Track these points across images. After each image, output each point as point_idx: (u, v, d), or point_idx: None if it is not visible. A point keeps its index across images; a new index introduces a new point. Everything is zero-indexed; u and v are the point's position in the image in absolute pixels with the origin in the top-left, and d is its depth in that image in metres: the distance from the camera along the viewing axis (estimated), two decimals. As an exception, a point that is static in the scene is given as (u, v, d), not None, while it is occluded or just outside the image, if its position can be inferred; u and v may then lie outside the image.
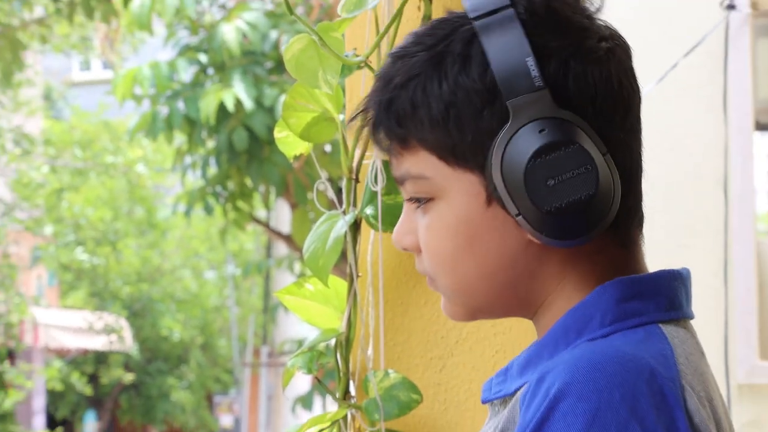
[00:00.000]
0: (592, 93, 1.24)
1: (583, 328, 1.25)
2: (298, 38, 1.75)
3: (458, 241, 1.29)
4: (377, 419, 1.82)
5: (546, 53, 1.23)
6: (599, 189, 1.20)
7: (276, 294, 2.05)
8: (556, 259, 1.28)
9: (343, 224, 1.85)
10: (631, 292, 1.26)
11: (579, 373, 1.14)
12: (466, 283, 1.31)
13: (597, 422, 1.12)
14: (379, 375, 1.86)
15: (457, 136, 1.26)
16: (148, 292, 19.51)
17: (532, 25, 1.24)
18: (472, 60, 1.24)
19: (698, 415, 1.17)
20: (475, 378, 1.87)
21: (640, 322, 1.24)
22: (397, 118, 1.28)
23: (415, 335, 1.90)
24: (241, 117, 7.93)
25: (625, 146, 1.28)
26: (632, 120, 1.29)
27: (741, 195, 6.22)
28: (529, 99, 1.21)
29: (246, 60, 8.11)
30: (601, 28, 1.29)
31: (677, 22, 6.23)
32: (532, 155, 1.20)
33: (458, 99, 1.25)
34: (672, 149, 6.12)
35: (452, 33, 1.27)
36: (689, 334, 1.28)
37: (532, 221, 1.22)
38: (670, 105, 6.08)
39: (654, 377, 1.15)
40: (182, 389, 20.73)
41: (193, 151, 8.48)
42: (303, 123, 1.87)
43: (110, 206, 18.28)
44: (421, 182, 1.30)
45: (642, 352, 1.18)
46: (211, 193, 8.59)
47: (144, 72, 8.08)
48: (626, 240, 1.31)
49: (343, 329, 1.88)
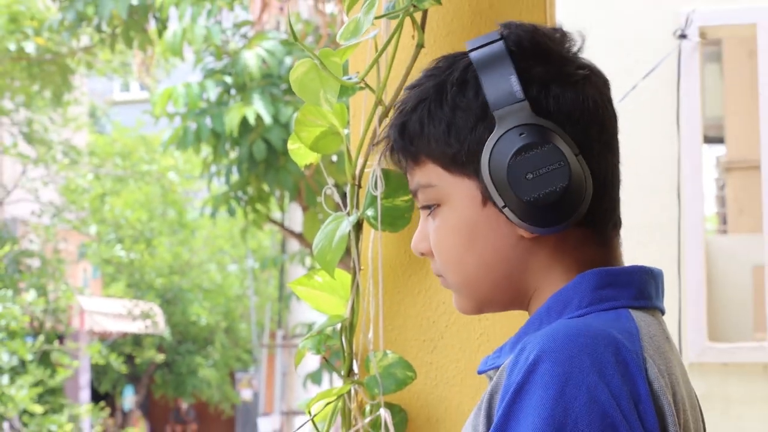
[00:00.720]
0: (568, 110, 1.28)
1: (563, 309, 1.28)
2: (302, 62, 1.75)
3: (461, 239, 1.33)
4: (377, 394, 1.82)
5: (530, 78, 1.28)
6: (571, 181, 1.25)
7: (289, 284, 2.05)
8: (543, 253, 1.31)
9: (347, 224, 1.86)
10: (606, 281, 1.28)
11: (555, 342, 1.16)
12: (471, 277, 1.34)
13: (570, 384, 1.13)
14: (378, 355, 1.85)
15: (457, 147, 1.30)
16: (179, 283, 19.51)
17: (519, 55, 1.29)
18: (468, 84, 1.30)
19: (657, 383, 1.18)
20: (462, 358, 1.87)
21: (611, 306, 1.26)
22: (410, 138, 1.34)
23: (410, 320, 1.90)
24: (260, 131, 7.92)
25: (601, 157, 1.31)
26: (607, 137, 1.33)
27: (691, 199, 6.21)
28: (512, 109, 1.26)
29: (264, 82, 8.10)
30: (579, 59, 1.34)
31: (637, 50, 6.22)
32: (513, 154, 1.24)
33: (456, 117, 1.30)
34: (632, 159, 6.11)
35: (453, 64, 1.34)
36: (656, 321, 1.30)
37: (517, 211, 1.26)
38: (630, 121, 6.07)
39: (619, 349, 1.17)
40: (208, 367, 20.72)
41: (218, 161, 8.47)
42: (313, 136, 1.88)
43: (146, 209, 18.26)
44: (429, 190, 1.34)
45: (611, 329, 1.20)
46: (234, 198, 8.58)
47: (178, 91, 8.10)
48: (604, 238, 1.34)
49: (347, 315, 1.88)
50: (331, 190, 1.93)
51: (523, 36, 1.31)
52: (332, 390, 1.88)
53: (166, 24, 8.73)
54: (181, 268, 19.54)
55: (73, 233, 15.61)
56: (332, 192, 1.93)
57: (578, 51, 1.35)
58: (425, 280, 1.88)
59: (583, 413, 1.12)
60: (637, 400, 1.15)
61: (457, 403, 1.86)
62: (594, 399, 1.13)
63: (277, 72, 8.09)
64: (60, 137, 14.56)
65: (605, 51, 6.14)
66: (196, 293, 19.94)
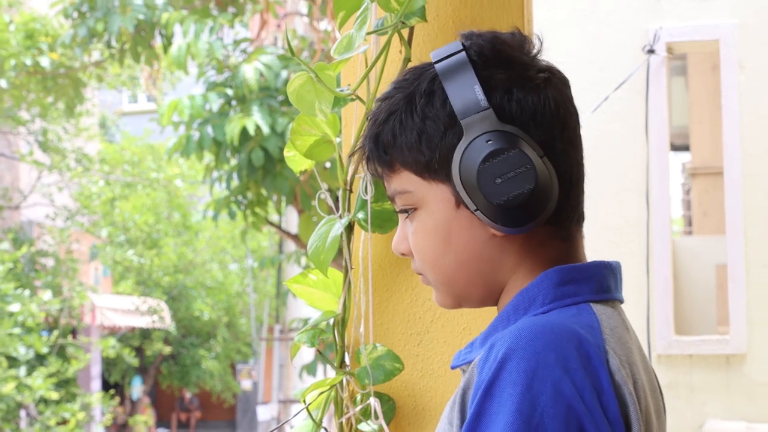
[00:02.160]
0: (532, 112, 1.27)
1: (529, 306, 1.27)
2: (299, 75, 1.75)
3: (438, 240, 1.32)
4: (367, 384, 1.82)
5: (493, 84, 1.27)
6: (538, 183, 1.24)
7: (286, 283, 2.04)
8: (512, 251, 1.30)
9: (339, 226, 1.85)
10: (567, 278, 1.28)
11: (521, 340, 1.16)
12: (448, 274, 1.33)
13: (537, 378, 1.13)
14: (368, 348, 1.85)
15: (428, 154, 1.29)
16: (183, 281, 19.50)
17: (481, 63, 1.28)
18: (435, 95, 1.29)
19: (619, 374, 1.17)
20: (446, 351, 1.87)
21: (573, 302, 1.26)
22: (384, 148, 1.33)
23: (397, 316, 1.89)
24: (258, 140, 7.92)
25: (565, 155, 1.29)
26: (569, 135, 1.31)
27: (659, 203, 6.22)
28: (478, 117, 1.25)
29: (262, 94, 8.10)
30: (539, 63, 1.32)
31: (609, 64, 6.23)
32: (482, 160, 1.24)
33: (426, 126, 1.29)
34: (603, 165, 6.12)
35: (420, 76, 1.33)
36: (616, 312, 1.29)
37: (488, 213, 1.26)
38: (602, 130, 6.08)
39: (582, 343, 1.17)
40: (211, 359, 20.76)
41: (220, 168, 8.47)
42: (307, 145, 1.87)
43: (153, 212, 18.25)
44: (406, 196, 1.33)
45: (573, 324, 1.19)
46: (234, 202, 8.57)
47: (183, 102, 8.11)
48: (567, 235, 1.32)
49: (339, 311, 1.88)
50: (325, 194, 1.93)
51: (483, 45, 1.30)
52: (326, 380, 1.88)
53: (171, 40, 8.73)
54: (185, 267, 19.54)
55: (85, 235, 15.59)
56: (326, 196, 1.93)
57: (537, 54, 1.33)
58: (412, 278, 1.87)
59: (549, 406, 1.12)
60: (599, 391, 1.14)
61: (442, 393, 1.86)
62: (559, 392, 1.13)
63: (274, 85, 8.10)
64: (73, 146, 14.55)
65: (579, 65, 6.15)
66: (200, 290, 19.96)
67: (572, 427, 1.12)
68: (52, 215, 14.87)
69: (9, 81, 11.09)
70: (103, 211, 16.19)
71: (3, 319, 10.62)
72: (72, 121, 13.75)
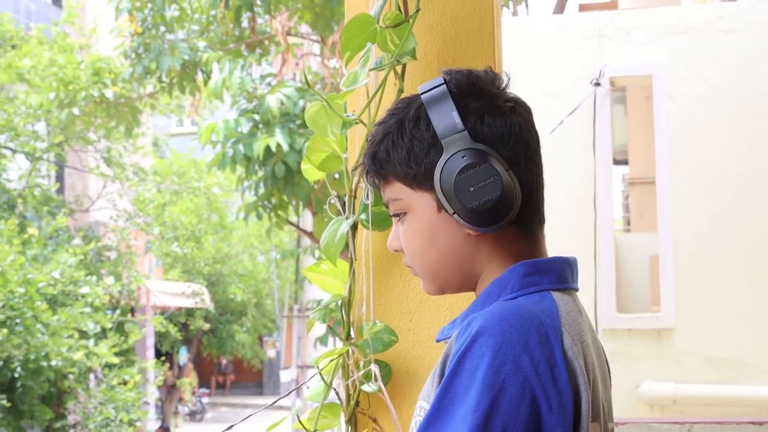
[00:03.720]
0: (500, 134, 1.27)
1: (500, 293, 1.27)
2: (314, 104, 1.75)
3: (423, 239, 1.32)
4: (368, 353, 1.81)
5: (468, 111, 1.27)
6: (503, 191, 1.24)
7: (303, 271, 2.04)
8: (485, 247, 1.30)
9: (346, 225, 1.85)
10: (532, 270, 1.28)
11: (492, 319, 1.17)
12: (433, 267, 1.33)
13: (501, 352, 1.13)
14: (369, 324, 1.85)
15: (415, 168, 1.29)
16: (220, 269, 19.49)
17: (458, 94, 1.28)
18: (421, 120, 1.30)
19: (571, 350, 1.18)
20: (432, 326, 1.86)
21: (537, 290, 1.26)
22: (380, 164, 1.33)
23: (393, 298, 1.89)
24: (280, 156, 7.92)
25: (527, 169, 1.29)
26: (531, 152, 1.31)
27: (604, 206, 6.22)
28: (455, 137, 1.25)
29: (283, 119, 8.09)
30: (507, 94, 1.33)
31: (563, 94, 6.23)
32: (458, 172, 1.24)
33: (414, 145, 1.29)
34: (559, 177, 6.12)
35: (409, 105, 1.33)
36: (572, 299, 1.29)
37: (463, 216, 1.26)
38: (559, 148, 6.08)
39: (541, 325, 1.17)
40: (242, 333, 20.75)
41: (249, 178, 8.45)
42: (320, 159, 1.87)
43: (195, 214, 18.22)
44: (397, 202, 1.34)
45: (535, 309, 1.20)
46: (261, 206, 8.56)
47: (219, 125, 8.12)
48: (530, 234, 1.32)
49: (346, 294, 1.87)
50: (334, 200, 1.92)
51: (460, 79, 1.30)
52: (335, 350, 1.88)
53: (210, 75, 8.72)
54: (222, 259, 19.53)
55: (141, 233, 15.60)
56: (335, 201, 1.92)
57: (506, 87, 1.33)
58: (404, 268, 1.85)
59: (509, 375, 1.12)
60: (553, 365, 1.14)
61: (429, 360, 1.86)
62: (518, 365, 1.13)
63: (293, 111, 8.10)
64: (131, 161, 14.55)
65: (540, 95, 6.15)
66: (233, 277, 19.94)
67: (526, 394, 1.12)
68: (115, 217, 14.87)
69: (80, 109, 11.09)
70: (155, 213, 16.17)
71: (76, 300, 10.61)
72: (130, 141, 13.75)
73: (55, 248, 11.28)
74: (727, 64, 6.15)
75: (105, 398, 11.54)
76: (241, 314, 21.07)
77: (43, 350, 9.69)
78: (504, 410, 1.11)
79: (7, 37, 12.57)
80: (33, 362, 9.71)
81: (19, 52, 12.09)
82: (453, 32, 1.89)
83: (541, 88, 6.20)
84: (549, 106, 6.12)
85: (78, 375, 10.84)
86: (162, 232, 16.82)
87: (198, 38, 9.41)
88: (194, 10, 9.35)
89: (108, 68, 10.96)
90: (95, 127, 11.84)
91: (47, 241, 11.40)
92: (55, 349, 9.79)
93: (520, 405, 1.11)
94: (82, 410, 11.67)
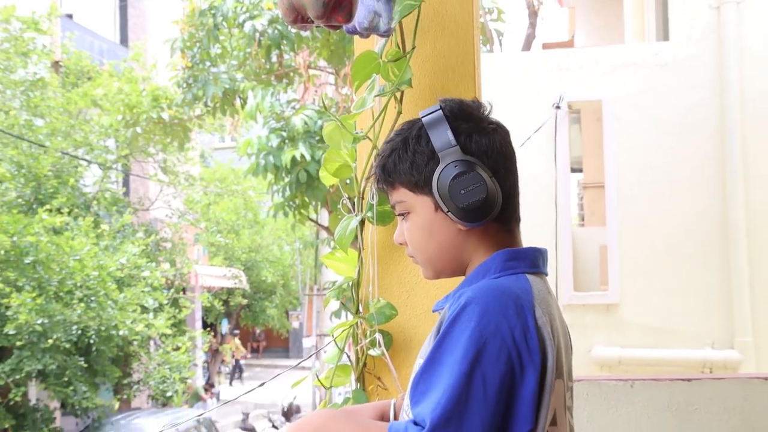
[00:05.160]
0: (485, 149, 1.28)
1: (485, 273, 1.28)
2: (330, 123, 1.75)
3: (424, 234, 1.32)
4: (374, 324, 1.81)
5: (459, 131, 1.28)
6: (488, 194, 1.25)
7: (321, 258, 2.04)
8: (473, 240, 1.31)
9: (355, 221, 1.85)
10: (511, 256, 1.28)
11: (479, 293, 1.18)
12: (432, 257, 1.33)
13: (484, 318, 1.14)
14: (374, 301, 1.84)
15: (417, 176, 1.30)
16: (254, 257, 19.48)
17: (452, 117, 1.29)
18: (422, 138, 1.30)
19: (541, 320, 1.18)
20: (426, 302, 1.86)
21: (514, 272, 1.26)
22: (388, 173, 1.33)
23: (394, 279, 1.89)
24: (302, 165, 7.91)
25: (506, 178, 1.30)
26: (509, 164, 1.32)
27: (563, 206, 6.22)
28: (450, 151, 1.26)
29: (305, 135, 8.08)
30: (490, 118, 1.34)
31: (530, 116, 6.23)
32: (452, 178, 1.25)
33: (416, 158, 1.30)
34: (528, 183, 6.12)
35: (412, 126, 1.34)
36: (542, 281, 1.29)
37: (456, 214, 1.26)
38: (527, 159, 6.07)
39: (518, 298, 1.18)
40: (272, 308, 20.73)
41: (277, 183, 8.44)
42: (334, 168, 1.86)
43: (234, 212, 18.21)
44: (402, 204, 1.34)
45: (513, 286, 1.21)
46: (287, 206, 8.54)
47: (253, 140, 8.11)
48: (509, 229, 1.33)
49: (355, 277, 1.87)
50: (346, 200, 1.92)
51: (453, 106, 1.31)
52: (347, 322, 1.87)
53: (246, 101, 8.72)
54: (256, 248, 19.50)
55: (190, 227, 15.58)
56: (346, 202, 1.92)
57: (488, 112, 1.34)
58: (402, 255, 1.86)
59: (491, 336, 1.13)
60: (526, 330, 1.15)
61: (423, 330, 1.85)
62: (497, 329, 1.13)
63: (313, 129, 8.08)
64: (182, 169, 14.53)
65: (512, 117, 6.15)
66: (265, 263, 19.91)
67: (503, 352, 1.13)
68: (170, 215, 14.85)
69: (142, 128, 11.09)
70: (202, 211, 16.16)
71: (138, 281, 10.61)
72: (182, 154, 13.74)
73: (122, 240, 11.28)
74: (661, 91, 6.14)
75: (162, 361, 11.55)
76: (271, 293, 21.05)
77: (112, 322, 9.70)
78: (484, 363, 1.12)
79: (85, 71, 12.59)
80: (105, 331, 9.71)
81: (94, 83, 12.09)
82: (442, 65, 1.88)
83: (511, 110, 6.20)
84: (519, 125, 6.12)
85: (140, 342, 10.84)
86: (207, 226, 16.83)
87: (236, 71, 9.40)
88: (233, 48, 9.34)
89: (164, 95, 10.96)
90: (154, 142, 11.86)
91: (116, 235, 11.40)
92: (122, 321, 9.79)
93: (498, 360, 1.12)
94: (144, 370, 11.68)
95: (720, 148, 5.99)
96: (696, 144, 6.04)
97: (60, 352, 9.28)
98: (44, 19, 11.19)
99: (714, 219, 5.97)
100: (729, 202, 5.92)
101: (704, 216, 5.99)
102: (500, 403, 1.11)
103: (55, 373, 9.27)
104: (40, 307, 8.71)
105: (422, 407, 1.13)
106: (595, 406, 2.33)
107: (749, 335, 5.82)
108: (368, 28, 1.72)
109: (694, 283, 5.95)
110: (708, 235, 5.97)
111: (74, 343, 9.53)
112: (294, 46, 8.54)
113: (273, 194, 8.76)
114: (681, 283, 5.98)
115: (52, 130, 11.19)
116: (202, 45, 9.15)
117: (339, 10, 1.57)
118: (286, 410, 14.34)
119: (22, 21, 10.87)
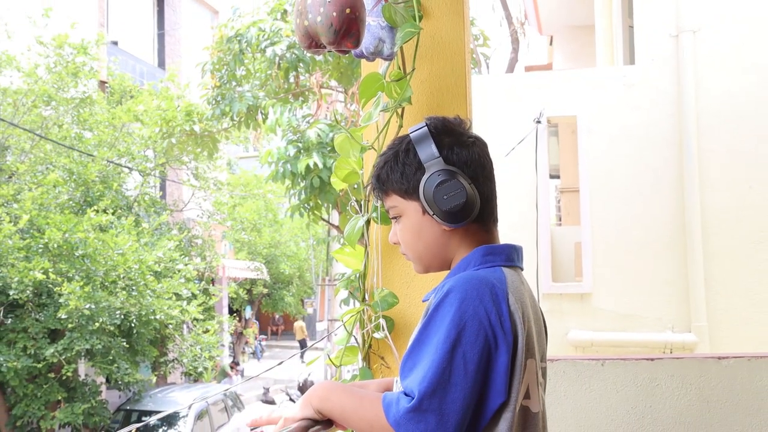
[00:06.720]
0: (465, 160, 1.28)
1: (466, 267, 1.27)
2: (340, 135, 1.75)
3: (414, 234, 1.32)
4: (378, 311, 1.80)
5: (442, 144, 1.28)
6: (467, 199, 1.25)
7: (332, 253, 2.04)
8: (456, 239, 1.30)
9: (362, 221, 1.84)
10: (488, 252, 1.28)
11: (459, 282, 1.18)
12: (421, 254, 1.33)
13: (464, 303, 1.14)
14: (378, 290, 1.84)
15: (407, 184, 1.30)
16: (274, 252, 19.47)
17: (435, 133, 1.29)
18: (410, 151, 1.30)
19: (513, 306, 1.18)
20: (423, 292, 1.86)
21: (492, 265, 1.26)
22: (382, 182, 1.33)
23: (395, 272, 1.88)
24: (316, 172, 7.90)
25: (485, 184, 1.30)
26: (487, 172, 1.31)
27: (543, 208, 6.20)
28: (434, 162, 1.26)
29: (319, 146, 8.08)
30: (469, 132, 1.33)
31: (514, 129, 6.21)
32: (436, 186, 1.25)
33: (406, 168, 1.30)
34: (512, 187, 6.10)
35: (402, 141, 1.34)
36: (516, 273, 1.28)
37: (440, 217, 1.27)
38: (511, 167, 6.06)
39: (494, 287, 1.18)
40: (289, 296, 20.71)
41: (294, 188, 8.44)
42: (344, 174, 1.86)
43: (257, 213, 18.21)
44: (395, 209, 1.34)
45: (490, 277, 1.20)
46: (302, 207, 8.54)
47: (273, 151, 8.10)
48: (488, 229, 1.32)
49: (362, 269, 1.86)
50: (354, 203, 1.91)
51: (437, 123, 1.31)
52: (354, 309, 1.87)
53: (267, 116, 8.71)
54: (275, 244, 19.49)
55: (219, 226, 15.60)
56: (354, 204, 1.92)
57: (469, 127, 1.34)
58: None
59: (469, 319, 1.13)
60: (500, 314, 1.15)
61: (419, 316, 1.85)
62: (475, 313, 1.14)
63: (325, 140, 8.07)
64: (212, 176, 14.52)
65: (498, 130, 6.13)
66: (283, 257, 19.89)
67: (481, 333, 1.13)
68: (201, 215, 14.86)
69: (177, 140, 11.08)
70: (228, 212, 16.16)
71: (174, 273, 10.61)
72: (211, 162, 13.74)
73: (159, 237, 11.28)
74: (629, 108, 6.13)
75: (194, 342, 11.55)
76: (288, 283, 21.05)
77: (151, 308, 9.71)
78: (464, 342, 1.12)
79: (127, 90, 12.65)
80: (144, 316, 9.73)
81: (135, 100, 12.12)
82: (437, 85, 1.88)
83: (497, 125, 6.19)
84: (503, 138, 6.11)
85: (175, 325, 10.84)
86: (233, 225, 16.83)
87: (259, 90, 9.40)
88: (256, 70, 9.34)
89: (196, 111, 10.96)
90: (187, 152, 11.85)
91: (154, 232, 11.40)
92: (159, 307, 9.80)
93: (476, 340, 1.12)
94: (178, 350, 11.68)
95: (678, 158, 5.99)
96: (658, 154, 6.04)
97: (105, 334, 9.30)
98: (92, 45, 11.22)
99: (674, 219, 5.96)
100: (687, 205, 5.92)
101: (665, 216, 5.98)
102: (479, 377, 1.12)
103: (101, 352, 9.30)
104: (87, 295, 8.74)
105: (410, 380, 1.13)
106: (571, 382, 2.33)
107: (704, 320, 5.81)
108: (374, 53, 1.73)
109: (656, 275, 5.94)
110: (668, 234, 5.96)
111: (117, 326, 9.54)
112: (309, 69, 8.54)
113: (290, 197, 8.75)
114: (645, 275, 5.97)
115: (99, 141, 11.24)
116: (229, 67, 9.16)
117: (348, 37, 1.57)
118: (302, 385, 14.34)
119: (73, 47, 10.92)
